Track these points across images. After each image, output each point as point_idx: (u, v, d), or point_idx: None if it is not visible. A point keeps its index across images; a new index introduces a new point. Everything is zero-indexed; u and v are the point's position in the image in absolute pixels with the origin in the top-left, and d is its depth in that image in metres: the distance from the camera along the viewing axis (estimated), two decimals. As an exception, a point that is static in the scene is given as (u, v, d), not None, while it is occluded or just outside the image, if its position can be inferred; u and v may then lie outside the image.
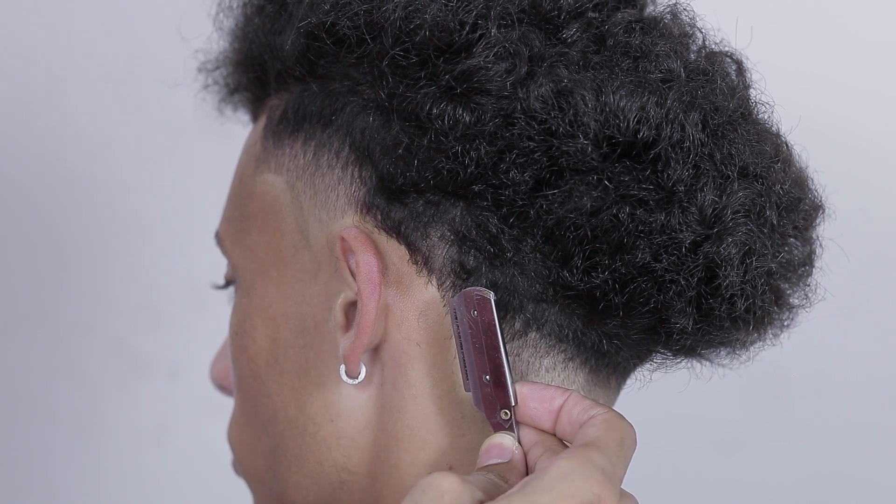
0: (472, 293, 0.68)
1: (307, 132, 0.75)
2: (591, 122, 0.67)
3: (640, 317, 0.69)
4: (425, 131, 0.68)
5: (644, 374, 0.76)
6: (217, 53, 0.85)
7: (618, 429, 0.65)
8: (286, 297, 0.75)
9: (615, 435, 0.64)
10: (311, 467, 0.75)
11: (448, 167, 0.68)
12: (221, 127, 0.89)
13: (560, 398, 0.68)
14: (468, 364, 0.69)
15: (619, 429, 0.65)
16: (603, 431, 0.64)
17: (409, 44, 0.69)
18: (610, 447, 0.64)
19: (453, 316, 0.69)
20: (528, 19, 0.69)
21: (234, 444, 0.82)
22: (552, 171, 0.67)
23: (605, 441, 0.64)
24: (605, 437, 0.64)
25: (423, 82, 0.68)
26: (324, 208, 0.74)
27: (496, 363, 0.68)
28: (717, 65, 0.72)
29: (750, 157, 0.70)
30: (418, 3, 0.69)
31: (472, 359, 0.69)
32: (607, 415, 0.66)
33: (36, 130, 1.25)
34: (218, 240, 0.82)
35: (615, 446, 0.64)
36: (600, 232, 0.67)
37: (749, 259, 0.69)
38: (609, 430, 0.65)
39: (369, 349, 0.72)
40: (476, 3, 0.68)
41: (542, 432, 0.68)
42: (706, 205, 0.68)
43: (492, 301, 0.68)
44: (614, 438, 0.64)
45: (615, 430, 0.65)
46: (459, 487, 0.62)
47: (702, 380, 0.78)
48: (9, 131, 1.24)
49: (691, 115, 0.68)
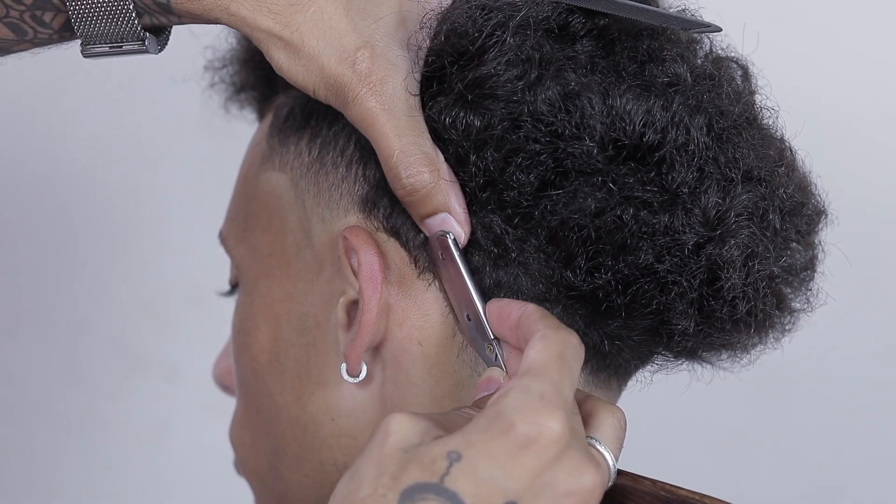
0: (435, 237, 0.69)
1: (313, 129, 0.75)
2: (597, 124, 0.67)
3: (642, 318, 0.69)
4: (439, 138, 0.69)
5: (645, 376, 0.77)
6: (225, 51, 0.85)
7: (555, 343, 0.63)
8: (288, 296, 0.75)
9: (553, 351, 0.63)
10: (312, 467, 0.75)
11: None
12: (225, 126, 0.89)
13: (516, 313, 0.67)
14: (454, 308, 0.70)
15: (556, 343, 0.63)
16: (540, 351, 0.63)
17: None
18: (549, 366, 0.62)
19: (434, 265, 0.71)
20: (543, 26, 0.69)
21: (236, 443, 0.83)
22: (557, 173, 0.68)
23: (543, 361, 0.62)
24: (543, 357, 0.62)
25: (435, 88, 0.69)
26: (327, 207, 0.74)
27: (468, 300, 0.69)
28: (724, 70, 0.73)
29: (754, 161, 0.70)
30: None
31: (454, 301, 0.70)
32: (543, 330, 0.64)
33: (37, 130, 1.25)
34: (221, 239, 0.82)
35: (555, 363, 0.62)
36: (604, 233, 0.68)
37: (751, 262, 0.69)
38: (546, 349, 0.63)
39: (370, 348, 0.72)
40: (496, 13, 0.68)
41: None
42: (709, 207, 0.68)
43: (449, 239, 0.69)
44: (553, 355, 0.62)
45: (552, 345, 0.63)
46: (407, 426, 0.61)
47: (702, 382, 0.78)
48: (9, 131, 1.24)
49: (697, 119, 0.69)
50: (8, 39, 0.70)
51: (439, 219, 0.69)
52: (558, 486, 0.60)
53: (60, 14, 0.69)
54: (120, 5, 0.67)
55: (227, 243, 0.81)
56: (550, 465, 0.59)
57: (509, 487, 0.59)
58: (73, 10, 0.67)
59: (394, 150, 0.67)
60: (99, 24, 0.68)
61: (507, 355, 0.68)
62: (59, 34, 0.70)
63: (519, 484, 0.59)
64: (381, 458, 0.60)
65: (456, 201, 0.68)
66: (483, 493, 0.59)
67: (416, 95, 0.68)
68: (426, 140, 0.68)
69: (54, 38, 0.70)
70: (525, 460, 0.59)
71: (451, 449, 0.59)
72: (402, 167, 0.67)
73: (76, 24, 0.68)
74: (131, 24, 0.68)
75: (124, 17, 0.68)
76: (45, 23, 0.69)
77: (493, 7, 0.68)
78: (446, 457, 0.59)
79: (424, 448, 0.60)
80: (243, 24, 0.68)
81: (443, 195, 0.68)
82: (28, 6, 0.68)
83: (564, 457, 0.60)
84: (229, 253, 0.81)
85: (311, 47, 0.67)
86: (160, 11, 0.68)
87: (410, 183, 0.67)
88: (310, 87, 0.68)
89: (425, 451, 0.59)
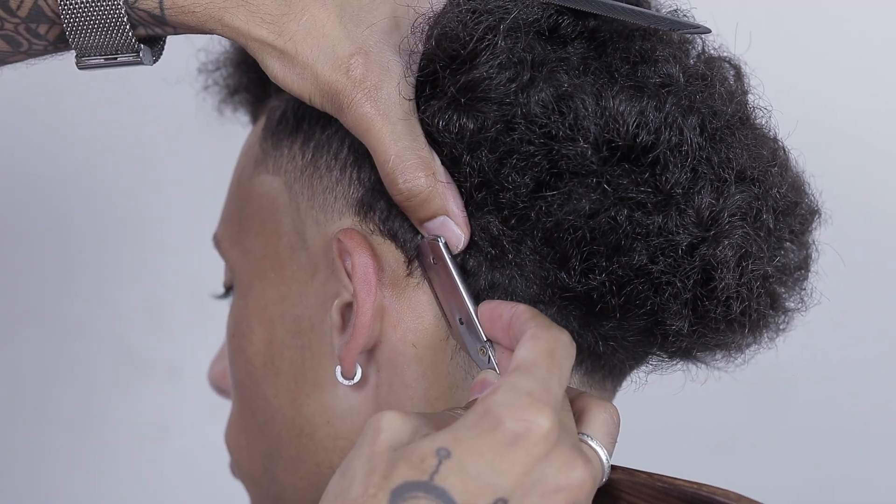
0: (426, 241, 0.69)
1: (306, 133, 0.75)
2: (590, 125, 0.67)
3: (637, 319, 0.70)
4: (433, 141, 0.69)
5: (639, 377, 0.77)
6: (219, 54, 0.85)
7: (545, 341, 0.63)
8: (283, 299, 0.75)
9: (543, 348, 0.63)
10: (307, 469, 0.75)
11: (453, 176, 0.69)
12: (221, 128, 0.89)
13: (507, 314, 0.68)
14: (446, 312, 0.70)
15: (546, 341, 0.64)
16: (530, 349, 0.63)
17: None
18: (538, 364, 0.62)
19: (425, 269, 0.71)
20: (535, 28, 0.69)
21: (232, 446, 0.83)
22: (552, 174, 0.68)
23: (533, 359, 0.62)
24: (533, 355, 0.63)
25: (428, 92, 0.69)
26: (321, 210, 0.74)
27: (459, 303, 0.69)
28: (716, 70, 0.73)
29: (747, 161, 0.70)
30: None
31: (445, 305, 0.70)
32: (534, 329, 0.64)
33: (36, 131, 1.25)
34: (216, 242, 0.82)
35: (544, 360, 0.62)
36: (598, 234, 0.68)
37: (745, 262, 0.69)
38: (536, 346, 0.63)
39: (365, 350, 0.72)
40: (487, 17, 0.68)
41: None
42: (703, 208, 0.68)
43: (440, 243, 0.69)
44: (542, 353, 0.63)
45: (542, 343, 0.63)
46: (398, 424, 0.61)
47: (697, 382, 0.79)
48: (9, 131, 1.24)
49: (690, 120, 0.69)
50: (3, 51, 0.70)
51: (438, 222, 0.69)
52: (548, 483, 0.60)
53: (55, 26, 0.69)
54: (114, 17, 0.67)
55: (221, 246, 0.81)
56: (539, 462, 0.60)
57: (499, 484, 0.59)
58: (67, 23, 0.67)
59: (390, 156, 0.67)
60: (93, 35, 0.68)
61: (499, 357, 0.69)
62: (54, 46, 0.70)
63: (508, 481, 0.59)
64: (372, 456, 0.60)
65: (454, 204, 0.69)
66: (472, 490, 0.59)
67: (410, 100, 0.68)
68: (422, 144, 0.68)
69: (49, 49, 0.70)
70: (514, 457, 0.59)
71: (439, 446, 0.60)
72: (399, 172, 0.67)
73: (71, 37, 0.68)
74: (126, 35, 0.68)
75: (119, 29, 0.68)
76: (39, 35, 0.69)
77: (483, 10, 0.68)
78: (435, 454, 0.59)
79: (413, 446, 0.60)
80: (237, 34, 0.68)
81: (441, 198, 0.68)
82: (23, 19, 0.68)
83: (553, 453, 0.60)
84: (223, 255, 0.81)
85: (305, 55, 0.68)
86: (154, 23, 0.68)
87: (408, 188, 0.68)
88: (305, 95, 0.68)
89: (414, 449, 0.60)
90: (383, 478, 0.59)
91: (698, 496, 0.65)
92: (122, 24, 0.68)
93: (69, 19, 0.67)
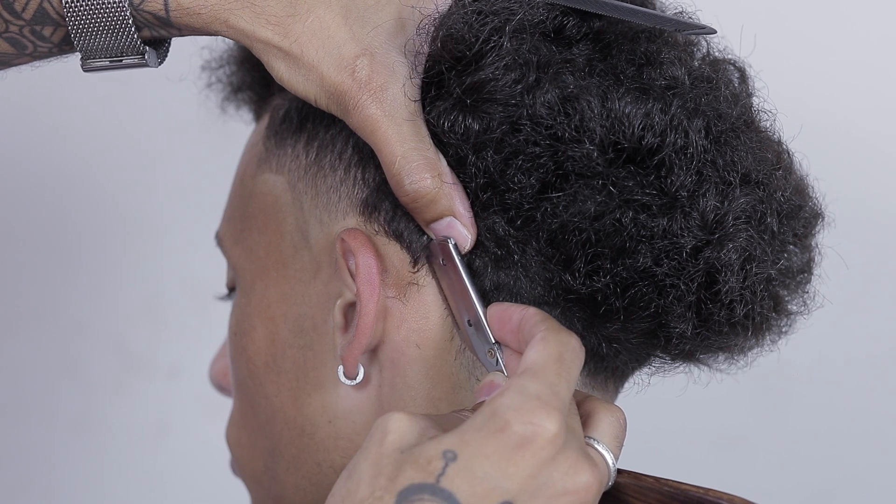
0: (436, 243, 0.69)
1: (310, 132, 0.75)
2: (596, 127, 0.67)
3: (640, 321, 0.70)
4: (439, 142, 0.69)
5: (642, 378, 0.77)
6: (222, 52, 0.85)
7: (554, 344, 0.64)
8: (285, 298, 0.75)
9: (552, 352, 0.63)
10: (309, 468, 0.75)
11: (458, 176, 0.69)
12: (224, 126, 0.89)
13: (517, 316, 0.68)
14: (454, 313, 0.70)
15: (555, 344, 0.64)
16: (539, 352, 0.63)
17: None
18: (547, 367, 0.62)
19: (434, 271, 0.71)
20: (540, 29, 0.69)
21: (233, 444, 0.83)
22: (558, 175, 0.68)
23: (542, 362, 0.62)
24: (542, 358, 0.63)
25: (434, 93, 0.69)
26: (325, 209, 0.74)
27: (468, 305, 0.69)
28: (721, 73, 0.73)
29: (752, 164, 0.70)
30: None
31: (454, 306, 0.70)
32: (543, 332, 0.64)
33: (36, 130, 1.25)
34: (218, 240, 0.82)
35: (553, 364, 0.62)
36: (603, 236, 0.68)
37: (749, 265, 0.69)
38: (545, 349, 0.63)
39: (368, 350, 0.72)
40: (492, 18, 0.68)
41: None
42: (708, 210, 0.68)
43: (450, 245, 0.69)
44: (551, 356, 0.63)
45: (551, 346, 0.63)
46: (405, 425, 0.61)
47: (699, 384, 0.79)
48: (9, 131, 1.24)
49: (695, 122, 0.69)
50: (8, 54, 0.70)
51: (445, 223, 0.69)
52: (554, 486, 0.60)
53: (60, 28, 0.69)
54: (119, 19, 0.67)
55: (223, 244, 0.81)
56: (546, 465, 0.60)
57: (505, 487, 0.59)
58: (72, 25, 0.67)
59: (396, 157, 0.67)
60: (98, 38, 0.68)
61: (507, 359, 0.69)
62: (59, 48, 0.70)
63: (515, 483, 0.59)
64: (379, 458, 0.60)
65: (461, 204, 0.69)
66: (479, 492, 0.59)
67: (416, 101, 0.68)
68: (428, 145, 0.68)
69: (54, 51, 0.70)
70: (520, 460, 0.59)
71: (446, 448, 0.60)
72: (405, 173, 0.67)
73: (76, 39, 0.68)
74: (131, 37, 0.68)
75: (124, 31, 0.68)
76: (44, 37, 0.69)
77: (488, 12, 0.68)
78: (442, 456, 0.59)
79: (420, 448, 0.60)
80: (243, 35, 0.68)
81: (447, 199, 0.68)
82: (27, 21, 0.68)
83: (560, 456, 0.60)
84: (226, 254, 0.81)
85: (311, 57, 0.68)
86: (160, 25, 0.68)
87: (414, 189, 0.68)
88: (311, 97, 0.68)
89: (421, 451, 0.60)
90: (390, 480, 0.59)
91: (705, 501, 0.65)
92: (128, 26, 0.68)
93: (74, 21, 0.67)
